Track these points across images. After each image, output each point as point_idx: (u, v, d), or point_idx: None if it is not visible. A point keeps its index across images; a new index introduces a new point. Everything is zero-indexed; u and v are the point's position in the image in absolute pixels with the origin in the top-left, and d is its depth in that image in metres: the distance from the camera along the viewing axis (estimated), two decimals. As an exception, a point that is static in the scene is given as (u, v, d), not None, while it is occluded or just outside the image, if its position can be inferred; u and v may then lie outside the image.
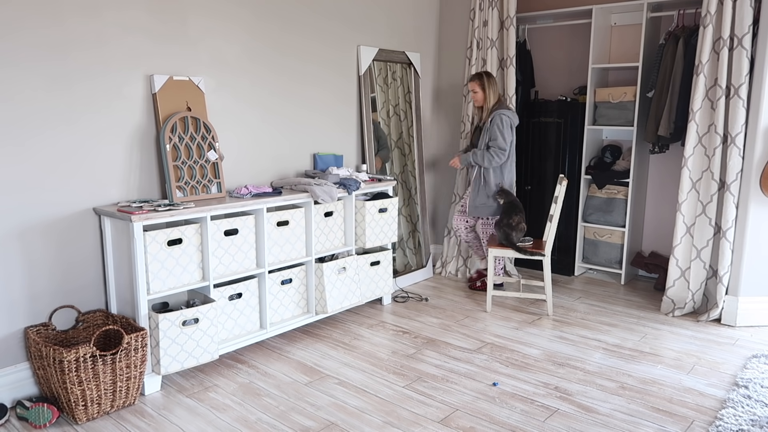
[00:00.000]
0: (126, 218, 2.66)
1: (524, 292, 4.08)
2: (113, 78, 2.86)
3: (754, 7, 3.46)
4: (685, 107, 3.91)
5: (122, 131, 2.93)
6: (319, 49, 3.87)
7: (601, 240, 4.58)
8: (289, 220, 3.36)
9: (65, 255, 2.78)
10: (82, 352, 2.45)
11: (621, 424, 2.54)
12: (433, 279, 4.71)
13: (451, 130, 4.94)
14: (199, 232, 2.94)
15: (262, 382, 2.93)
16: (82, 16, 2.72)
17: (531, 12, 4.66)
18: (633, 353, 3.27)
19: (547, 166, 4.70)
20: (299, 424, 2.53)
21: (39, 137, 2.63)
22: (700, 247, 3.75)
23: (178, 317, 2.79)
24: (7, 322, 2.63)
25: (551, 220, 3.77)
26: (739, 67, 3.49)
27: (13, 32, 2.51)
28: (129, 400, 2.67)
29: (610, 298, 4.23)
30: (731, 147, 3.56)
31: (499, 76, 4.52)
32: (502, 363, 3.15)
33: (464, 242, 4.38)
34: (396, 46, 4.47)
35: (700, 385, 2.89)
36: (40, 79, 2.61)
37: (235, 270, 3.14)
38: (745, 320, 3.66)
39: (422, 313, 3.91)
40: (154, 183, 3.09)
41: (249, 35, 3.44)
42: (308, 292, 3.56)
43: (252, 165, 3.56)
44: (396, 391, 2.84)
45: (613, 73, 4.65)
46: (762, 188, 3.49)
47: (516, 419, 2.58)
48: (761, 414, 2.58)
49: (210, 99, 3.28)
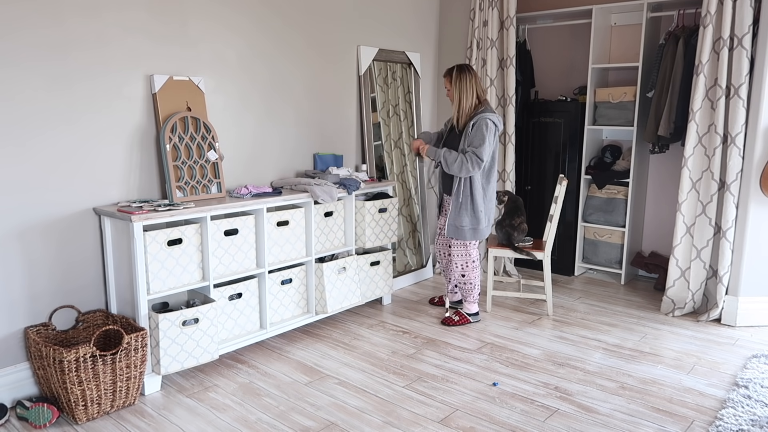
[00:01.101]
0: (126, 218, 2.66)
1: (524, 292, 4.07)
2: (113, 78, 2.86)
3: (754, 7, 3.46)
4: (685, 107, 3.91)
5: (122, 131, 2.93)
6: (319, 49, 3.87)
7: (601, 240, 4.58)
8: (289, 220, 3.36)
9: (65, 255, 2.78)
10: (82, 352, 2.45)
11: (621, 424, 2.54)
12: (433, 279, 4.71)
13: (451, 130, 4.94)
14: (199, 232, 2.94)
15: (262, 382, 2.93)
16: (83, 16, 2.71)
17: (531, 12, 4.66)
18: (633, 353, 3.27)
19: (547, 166, 4.70)
20: (299, 424, 2.53)
21: (39, 137, 2.63)
22: (700, 247, 3.75)
23: (178, 317, 2.79)
24: (7, 322, 2.63)
25: (551, 220, 3.77)
26: (739, 67, 3.49)
27: (14, 32, 2.51)
28: (129, 400, 2.67)
29: (610, 298, 4.23)
30: (731, 147, 3.56)
31: (499, 76, 4.52)
32: (502, 363, 3.15)
33: (441, 269, 3.92)
34: (396, 46, 4.47)
35: (700, 385, 2.89)
36: (40, 79, 2.61)
37: (235, 270, 3.14)
38: (745, 320, 3.66)
39: (422, 313, 3.91)
40: (154, 183, 3.09)
41: (249, 35, 3.44)
42: (308, 292, 3.56)
43: (252, 165, 3.56)
44: (396, 391, 2.84)
45: (613, 73, 4.65)
46: (762, 188, 3.49)
47: (516, 419, 2.58)
48: (761, 414, 2.58)
49: (210, 99, 3.28)
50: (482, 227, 3.50)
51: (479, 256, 3.72)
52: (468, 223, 3.46)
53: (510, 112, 4.48)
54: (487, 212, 3.51)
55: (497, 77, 4.52)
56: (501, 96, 4.54)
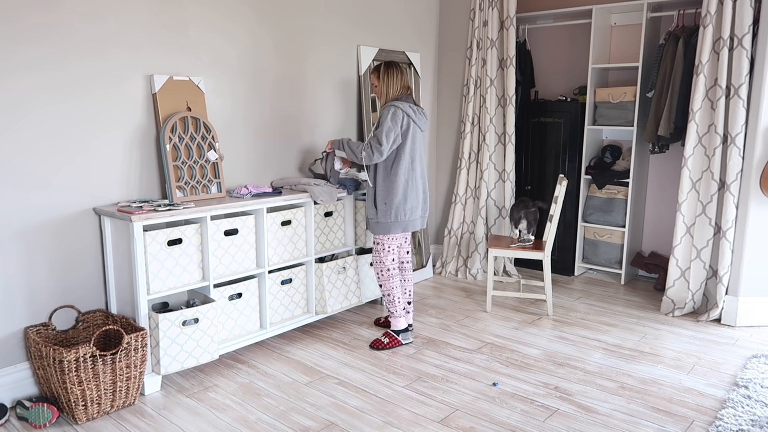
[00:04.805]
0: (126, 218, 2.66)
1: (524, 292, 4.07)
2: (113, 78, 2.86)
3: (754, 7, 3.46)
4: (685, 107, 3.91)
5: (122, 131, 2.93)
6: (320, 49, 3.87)
7: (601, 240, 4.58)
8: (289, 219, 3.35)
9: (65, 255, 2.78)
10: (82, 352, 2.45)
11: (621, 424, 2.54)
12: (433, 279, 4.71)
13: (452, 130, 4.94)
14: (199, 232, 2.94)
15: (262, 382, 2.93)
16: (83, 17, 2.71)
17: (531, 12, 4.66)
18: (633, 353, 3.27)
19: (547, 166, 4.70)
20: (299, 424, 2.53)
21: (39, 137, 2.63)
22: (700, 247, 3.75)
23: (178, 317, 2.79)
24: (7, 322, 2.63)
25: (551, 220, 3.77)
26: (739, 67, 3.49)
27: (14, 31, 2.51)
28: (129, 400, 2.67)
29: (610, 298, 4.23)
30: (731, 147, 3.56)
31: (499, 76, 4.52)
32: (502, 363, 3.15)
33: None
34: (396, 46, 4.47)
35: (700, 385, 2.89)
36: (40, 79, 2.61)
37: (235, 270, 3.14)
38: (745, 320, 3.66)
39: (422, 313, 3.91)
40: (154, 183, 3.09)
41: (249, 35, 3.44)
42: (308, 292, 3.56)
43: (252, 165, 3.56)
44: (396, 391, 2.84)
45: (613, 73, 4.65)
46: (762, 188, 3.49)
47: (516, 419, 2.58)
48: (761, 414, 2.58)
49: (210, 99, 3.28)
50: (389, 221, 3.25)
51: (395, 266, 3.36)
52: (373, 215, 3.29)
53: (510, 112, 4.47)
54: (393, 205, 3.24)
55: (497, 77, 4.52)
56: (501, 96, 4.54)
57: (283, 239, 3.34)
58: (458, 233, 4.77)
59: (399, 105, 3.18)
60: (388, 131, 3.13)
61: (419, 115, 3.25)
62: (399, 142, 3.19)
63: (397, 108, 3.17)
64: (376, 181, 3.27)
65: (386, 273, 3.34)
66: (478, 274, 4.66)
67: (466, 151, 4.69)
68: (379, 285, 3.37)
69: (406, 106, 3.20)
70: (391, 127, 3.14)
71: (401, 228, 3.29)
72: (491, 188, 4.63)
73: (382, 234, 3.30)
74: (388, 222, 3.26)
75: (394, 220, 3.26)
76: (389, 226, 3.27)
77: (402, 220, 3.27)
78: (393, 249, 3.34)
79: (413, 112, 3.21)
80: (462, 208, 4.76)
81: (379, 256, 3.34)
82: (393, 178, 3.22)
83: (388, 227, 3.27)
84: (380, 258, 3.34)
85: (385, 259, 3.33)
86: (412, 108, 3.22)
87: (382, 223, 3.27)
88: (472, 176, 4.72)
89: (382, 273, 3.34)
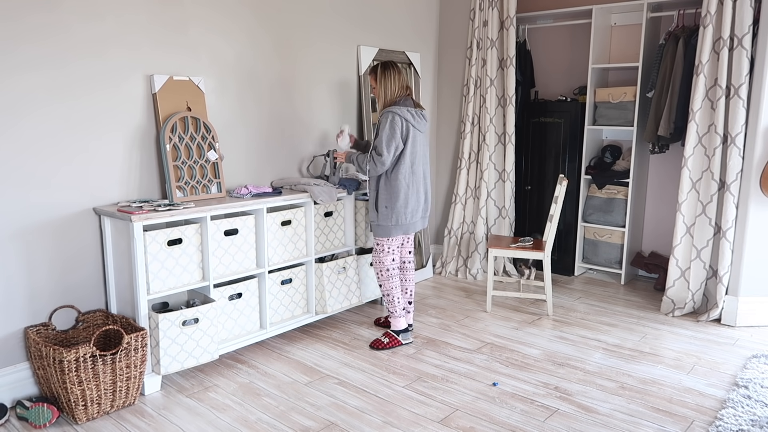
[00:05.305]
0: (126, 218, 2.66)
1: (524, 292, 4.07)
2: (113, 78, 2.86)
3: (754, 7, 3.46)
4: (685, 107, 3.91)
5: (122, 131, 2.93)
6: (319, 49, 3.87)
7: (601, 240, 4.58)
8: (289, 219, 3.35)
9: (65, 255, 2.78)
10: (82, 352, 2.45)
11: (621, 424, 2.54)
12: (433, 279, 4.71)
13: (452, 130, 4.94)
14: (199, 232, 2.94)
15: (262, 382, 2.93)
16: (83, 17, 2.71)
17: (531, 12, 4.66)
18: (633, 353, 3.27)
19: (547, 166, 4.70)
20: (299, 424, 2.53)
21: (39, 137, 2.63)
22: (700, 247, 3.75)
23: (178, 317, 2.79)
24: (7, 322, 2.63)
25: (551, 220, 3.77)
26: (739, 67, 3.49)
27: (14, 31, 2.51)
28: (129, 400, 2.67)
29: (610, 298, 4.23)
30: (731, 147, 3.56)
31: (499, 76, 4.52)
32: (502, 363, 3.15)
33: None
34: (396, 46, 4.47)
35: (700, 385, 2.89)
36: (40, 79, 2.61)
37: (235, 270, 3.14)
38: (745, 320, 3.66)
39: (422, 313, 3.91)
40: (154, 183, 3.09)
41: (249, 35, 3.44)
42: (308, 292, 3.56)
43: (252, 165, 3.56)
44: (396, 391, 2.84)
45: (613, 73, 4.65)
46: (762, 188, 3.49)
47: (516, 419, 2.58)
48: (761, 414, 2.58)
49: (210, 99, 3.28)
50: (389, 225, 3.25)
51: (395, 266, 3.37)
52: (374, 217, 3.30)
53: (510, 112, 4.48)
54: (394, 209, 3.23)
55: (497, 77, 4.52)
56: (501, 96, 4.54)
57: (283, 239, 3.34)
58: (458, 233, 4.77)
59: (397, 111, 3.15)
60: (388, 141, 3.12)
61: (418, 118, 3.22)
62: (401, 148, 3.19)
63: (395, 114, 3.14)
64: (378, 185, 3.28)
65: (386, 273, 3.35)
66: (478, 274, 4.66)
67: (466, 151, 4.69)
68: (379, 285, 3.38)
69: (404, 110, 3.16)
70: (391, 135, 3.12)
71: (402, 231, 3.31)
72: (491, 188, 4.63)
73: (382, 237, 3.31)
74: (389, 225, 3.27)
75: (394, 224, 3.27)
76: (390, 229, 3.28)
77: (403, 223, 3.28)
78: (393, 250, 3.35)
79: (412, 116, 3.18)
80: (462, 208, 4.76)
81: (379, 256, 3.34)
82: (393, 182, 3.22)
83: (388, 230, 3.28)
84: (380, 258, 3.34)
85: (385, 259, 3.34)
86: (411, 111, 3.19)
87: (383, 226, 3.28)
88: (472, 176, 4.72)
89: (381, 273, 3.35)
